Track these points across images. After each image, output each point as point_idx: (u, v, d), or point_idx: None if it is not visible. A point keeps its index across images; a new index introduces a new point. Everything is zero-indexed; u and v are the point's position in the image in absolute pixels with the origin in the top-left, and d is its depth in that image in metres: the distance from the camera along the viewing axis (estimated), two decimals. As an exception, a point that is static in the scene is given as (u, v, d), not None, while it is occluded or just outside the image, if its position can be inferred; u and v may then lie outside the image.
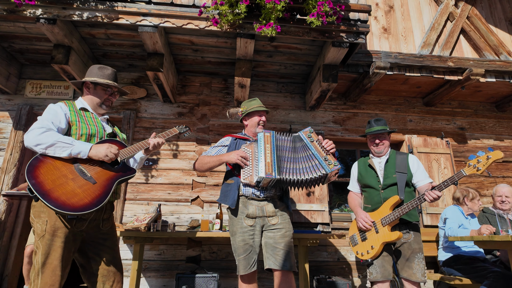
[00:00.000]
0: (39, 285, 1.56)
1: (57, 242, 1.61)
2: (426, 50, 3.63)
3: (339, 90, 4.04)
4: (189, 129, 2.35)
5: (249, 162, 2.15)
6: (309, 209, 3.58)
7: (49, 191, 1.50)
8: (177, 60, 3.64)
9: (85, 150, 1.66)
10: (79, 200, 1.53)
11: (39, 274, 1.58)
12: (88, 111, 1.90)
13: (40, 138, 1.59)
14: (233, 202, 2.16)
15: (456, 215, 2.97)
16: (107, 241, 1.86)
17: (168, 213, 3.48)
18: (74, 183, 1.58)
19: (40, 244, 1.61)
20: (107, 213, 1.87)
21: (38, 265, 1.59)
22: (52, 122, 1.68)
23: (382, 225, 2.25)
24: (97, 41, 3.29)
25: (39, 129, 1.62)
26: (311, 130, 2.21)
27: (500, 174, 4.08)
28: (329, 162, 2.02)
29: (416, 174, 2.39)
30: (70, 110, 1.80)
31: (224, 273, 3.30)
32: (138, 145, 1.91)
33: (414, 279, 2.18)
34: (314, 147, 2.11)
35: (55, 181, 1.54)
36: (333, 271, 3.47)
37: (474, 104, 4.36)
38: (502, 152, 2.13)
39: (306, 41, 3.23)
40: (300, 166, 2.09)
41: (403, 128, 4.10)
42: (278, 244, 2.10)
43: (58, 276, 1.59)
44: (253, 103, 2.45)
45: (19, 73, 3.72)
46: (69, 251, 1.67)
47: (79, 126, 1.77)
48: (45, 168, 1.57)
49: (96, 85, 1.92)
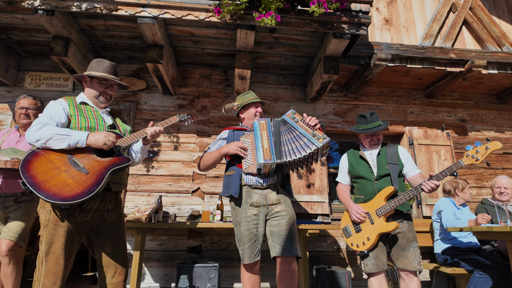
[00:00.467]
0: (43, 273, 1.61)
1: (59, 231, 1.66)
2: (428, 42, 3.60)
3: (340, 82, 4.02)
4: (191, 117, 2.33)
5: (249, 152, 2.18)
6: (309, 200, 3.60)
7: (41, 183, 1.54)
8: (176, 51, 3.62)
9: (82, 138, 1.69)
10: (70, 190, 1.56)
11: (43, 263, 1.63)
12: (88, 105, 1.93)
13: (39, 134, 1.65)
14: (235, 191, 2.19)
15: (449, 207, 3.02)
16: (111, 232, 1.88)
17: (169, 204, 3.51)
18: (67, 174, 1.61)
19: (44, 233, 1.66)
20: (111, 204, 1.88)
21: (42, 253, 1.64)
22: (51, 117, 1.73)
23: (377, 216, 2.25)
24: (96, 32, 3.27)
25: (37, 125, 1.67)
26: (293, 112, 2.22)
27: (500, 165, 4.10)
28: (317, 137, 2.05)
29: (406, 164, 2.41)
30: (69, 105, 1.84)
31: (225, 263, 3.35)
32: (135, 135, 1.91)
33: (411, 268, 2.20)
34: (300, 126, 2.13)
35: (48, 173, 1.58)
36: (333, 261, 3.51)
37: (476, 96, 4.34)
38: (500, 143, 2.13)
39: (307, 33, 3.21)
40: (293, 146, 2.11)
41: (404, 120, 4.09)
42: (282, 231, 2.13)
43: (61, 264, 1.63)
44: (248, 95, 2.48)
45: (18, 65, 3.70)
46: (72, 241, 1.70)
47: (78, 120, 1.80)
48: (38, 161, 1.62)
49: (92, 78, 1.94)
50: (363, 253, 2.30)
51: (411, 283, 2.20)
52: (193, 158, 3.68)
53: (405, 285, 2.22)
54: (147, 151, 2.14)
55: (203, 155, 2.39)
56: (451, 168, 2.15)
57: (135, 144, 2.05)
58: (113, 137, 1.73)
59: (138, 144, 2.04)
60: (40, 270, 1.62)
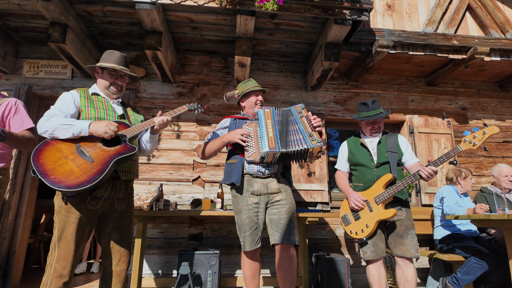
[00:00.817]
0: (55, 257, 1.70)
1: (71, 218, 1.74)
2: (431, 28, 3.54)
3: (341, 69, 3.98)
4: (201, 106, 2.34)
5: (251, 140, 2.18)
6: (309, 188, 3.62)
7: (48, 171, 1.61)
8: (175, 38, 3.57)
9: (85, 127, 1.74)
10: (75, 178, 1.62)
11: (56, 248, 1.72)
12: (99, 96, 1.99)
13: (46, 125, 1.73)
14: (237, 179, 2.20)
15: (452, 194, 3.04)
16: (119, 221, 1.94)
17: (170, 192, 3.53)
18: (73, 163, 1.67)
19: (57, 219, 1.75)
20: (121, 192, 1.94)
21: (55, 238, 1.73)
22: (60, 109, 1.81)
23: (376, 203, 2.27)
24: (94, 18, 3.21)
25: (45, 117, 1.76)
26: (302, 107, 2.23)
27: (500, 154, 4.10)
28: (312, 138, 2.06)
29: (405, 153, 2.42)
30: (80, 96, 1.91)
31: (225, 250, 3.39)
32: (142, 125, 1.94)
33: (409, 255, 2.22)
34: (301, 122, 2.14)
35: (55, 162, 1.65)
36: (332, 249, 3.56)
37: (477, 84, 4.30)
38: (497, 128, 2.12)
39: (308, 18, 3.15)
40: (295, 137, 2.12)
41: (405, 108, 4.07)
42: (282, 219, 2.16)
43: (72, 250, 1.71)
44: (248, 83, 2.46)
45: (15, 52, 3.65)
46: (83, 228, 1.78)
47: (88, 111, 1.88)
48: (49, 151, 1.69)
49: (103, 69, 2.00)
50: (362, 240, 2.32)
51: (408, 270, 2.23)
52: (193, 147, 3.68)
53: (402, 272, 2.24)
54: (157, 140, 2.17)
55: (205, 144, 2.38)
56: (449, 154, 2.15)
57: (144, 134, 2.10)
58: (114, 127, 1.76)
59: (147, 134, 2.08)
60: (53, 254, 1.71)
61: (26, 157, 3.49)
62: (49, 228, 5.02)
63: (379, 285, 2.26)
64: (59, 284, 1.67)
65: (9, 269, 3.22)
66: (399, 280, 2.26)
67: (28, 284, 3.48)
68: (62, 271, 1.68)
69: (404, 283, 2.22)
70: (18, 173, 3.37)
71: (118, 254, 1.92)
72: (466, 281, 2.72)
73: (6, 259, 3.23)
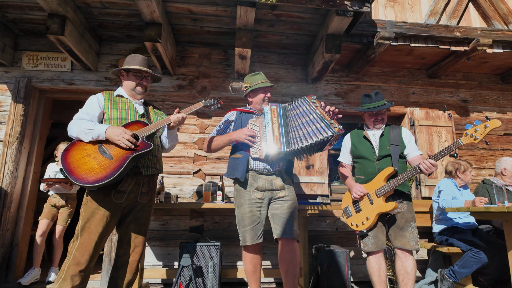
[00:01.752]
0: (77, 245, 1.82)
1: (96, 210, 1.87)
2: (433, 19, 3.51)
3: (342, 61, 3.95)
4: (218, 102, 2.39)
5: (257, 138, 2.17)
6: (309, 181, 3.63)
7: (73, 169, 1.78)
8: (175, 30, 3.53)
9: (102, 133, 1.89)
10: (95, 174, 1.77)
11: (78, 237, 1.84)
12: (123, 97, 2.14)
13: (72, 128, 1.91)
14: (242, 175, 2.20)
15: (450, 188, 3.03)
16: (139, 213, 2.06)
17: (171, 185, 3.54)
18: (95, 161, 1.83)
19: (83, 210, 1.90)
20: (145, 187, 2.05)
21: (79, 228, 1.86)
22: (86, 112, 1.98)
23: (376, 196, 2.27)
24: (93, 10, 3.18)
25: (73, 120, 1.93)
26: (314, 97, 2.19)
27: (501, 146, 4.09)
28: (334, 126, 2.02)
29: (408, 146, 2.40)
30: (105, 99, 2.07)
31: (226, 242, 3.42)
32: (159, 123, 2.07)
33: (408, 248, 2.24)
34: (319, 111, 2.09)
35: (80, 160, 1.82)
36: (332, 240, 3.58)
37: (479, 76, 4.28)
38: (500, 121, 2.09)
39: (309, 10, 3.12)
40: (304, 131, 2.07)
41: (406, 100, 4.05)
42: (284, 214, 2.17)
43: (93, 240, 1.82)
44: (257, 77, 2.39)
45: (14, 45, 3.63)
46: (107, 220, 1.89)
47: (110, 112, 2.03)
48: (74, 150, 1.86)
49: (128, 72, 2.16)
50: (362, 232, 2.33)
51: (407, 262, 2.24)
52: (194, 140, 3.68)
53: (401, 264, 2.26)
54: (175, 136, 2.30)
55: (211, 138, 2.38)
56: (449, 148, 2.13)
57: (164, 131, 2.24)
58: (128, 135, 1.88)
59: (165, 131, 2.22)
60: (75, 243, 1.83)
61: (27, 150, 3.49)
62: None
63: (378, 277, 2.28)
64: (75, 271, 1.76)
65: (12, 261, 3.26)
66: (399, 271, 2.28)
67: (31, 275, 3.50)
68: (80, 258, 1.78)
69: (404, 274, 2.24)
70: (19, 165, 3.38)
71: (133, 244, 2.03)
72: (463, 274, 2.74)
73: (9, 250, 3.26)
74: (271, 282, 3.38)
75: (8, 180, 3.27)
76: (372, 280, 2.31)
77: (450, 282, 2.79)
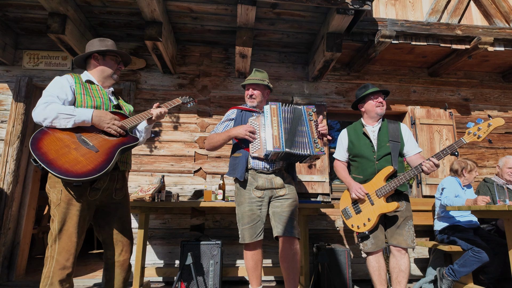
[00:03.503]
0: (57, 249, 1.67)
1: (72, 210, 1.70)
2: (434, 18, 3.49)
3: (343, 60, 3.95)
4: (193, 100, 2.36)
5: (257, 136, 2.16)
6: (310, 180, 3.63)
7: (52, 160, 1.56)
8: (176, 28, 3.53)
9: (88, 118, 1.70)
10: (82, 167, 1.58)
11: (56, 240, 1.68)
12: (93, 84, 1.91)
13: (45, 113, 1.65)
14: (241, 174, 2.21)
15: (453, 186, 3.03)
16: (118, 211, 1.94)
17: (172, 184, 3.54)
18: (77, 152, 1.63)
19: (56, 212, 1.70)
20: (119, 182, 1.93)
21: (55, 231, 1.68)
22: (58, 96, 1.72)
23: (377, 196, 2.24)
24: (93, 9, 3.18)
25: (43, 104, 1.67)
26: (313, 110, 2.22)
27: (502, 145, 4.09)
28: (316, 146, 2.08)
29: (407, 144, 2.37)
30: (76, 83, 1.83)
31: (227, 240, 3.42)
32: (141, 115, 1.93)
33: (405, 245, 2.22)
34: (309, 126, 2.15)
35: (58, 151, 1.60)
36: (332, 239, 3.59)
37: (480, 75, 4.26)
38: (503, 119, 2.06)
39: (310, 8, 3.11)
40: (299, 140, 2.14)
41: (407, 99, 4.04)
42: (284, 212, 2.17)
43: (74, 242, 1.69)
44: (251, 75, 2.45)
45: (15, 43, 3.63)
46: (84, 219, 1.75)
47: (84, 99, 1.79)
48: (48, 139, 1.63)
49: (105, 55, 1.93)
50: (364, 234, 2.30)
51: (402, 260, 2.23)
52: (195, 138, 3.68)
53: (396, 262, 2.25)
54: (150, 131, 2.17)
55: (211, 135, 2.39)
56: (452, 146, 2.11)
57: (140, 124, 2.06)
58: (118, 123, 1.75)
59: (142, 124, 2.05)
60: (53, 247, 1.68)
61: (28, 149, 3.50)
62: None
63: (379, 276, 2.28)
64: (63, 276, 1.66)
65: (14, 259, 3.27)
66: (393, 269, 2.26)
67: (32, 273, 3.53)
68: (65, 263, 1.66)
69: (398, 272, 2.23)
70: (20, 164, 3.39)
71: (120, 244, 1.93)
72: (462, 273, 2.73)
73: (10, 249, 3.28)
74: (271, 280, 3.39)
75: (9, 179, 3.28)
76: (373, 279, 2.31)
77: (450, 280, 2.78)
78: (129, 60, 2.10)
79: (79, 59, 1.99)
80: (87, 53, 1.93)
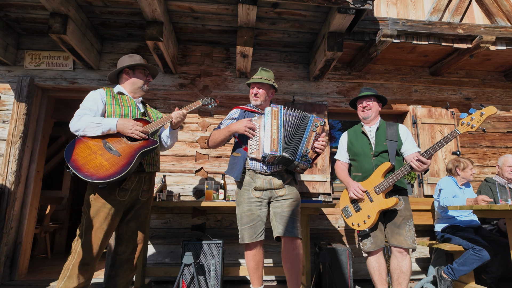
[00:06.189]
0: (82, 243, 1.83)
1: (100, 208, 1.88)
2: (436, 17, 3.48)
3: (344, 59, 3.94)
4: (214, 101, 2.47)
5: (256, 136, 2.16)
6: (311, 179, 3.63)
7: (81, 166, 1.77)
8: (177, 28, 3.53)
9: (113, 126, 1.91)
10: (105, 170, 1.77)
11: (82, 235, 1.85)
12: (124, 95, 2.15)
13: (78, 124, 1.88)
14: (238, 175, 2.20)
15: (450, 186, 3.02)
16: (140, 210, 2.08)
17: (173, 183, 3.55)
18: (102, 157, 1.83)
19: (87, 209, 1.91)
20: (146, 184, 2.09)
21: (83, 226, 1.87)
22: (90, 108, 1.96)
23: (376, 193, 2.24)
24: (94, 9, 3.18)
25: (77, 116, 1.91)
26: (321, 122, 2.22)
27: (504, 144, 4.07)
28: (303, 157, 2.10)
29: (405, 143, 2.37)
30: (107, 95, 2.07)
31: (228, 240, 3.43)
32: (162, 120, 2.10)
33: (405, 246, 2.20)
34: (308, 135, 2.16)
35: (86, 158, 1.82)
36: (334, 239, 3.58)
37: (482, 74, 4.25)
38: (495, 108, 2.05)
39: (311, 7, 3.11)
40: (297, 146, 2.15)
41: (408, 98, 4.04)
42: (285, 212, 2.16)
43: (99, 238, 1.85)
44: (255, 74, 2.45)
45: (17, 44, 3.64)
46: (112, 218, 1.91)
47: (113, 109, 2.03)
48: (79, 148, 1.86)
49: (135, 69, 2.18)
50: (364, 232, 2.30)
51: (403, 261, 2.21)
52: (196, 138, 3.69)
53: (397, 263, 2.23)
54: (176, 136, 2.34)
55: (213, 132, 2.40)
56: (447, 138, 2.10)
57: (164, 131, 2.27)
58: (141, 128, 1.93)
59: (167, 130, 2.25)
60: (79, 241, 1.84)
61: (30, 149, 3.51)
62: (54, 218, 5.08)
63: (379, 275, 2.28)
64: (81, 269, 1.78)
65: (16, 259, 3.29)
66: (393, 270, 2.24)
67: (35, 273, 3.55)
68: (86, 256, 1.79)
69: (399, 273, 2.21)
70: (22, 164, 3.40)
71: (133, 242, 2.04)
72: (462, 272, 2.71)
73: (13, 248, 3.29)
74: (272, 280, 3.39)
75: (11, 178, 3.29)
76: (373, 279, 2.31)
77: (449, 280, 2.77)
78: (156, 73, 2.32)
79: (112, 75, 2.23)
80: (119, 69, 2.17)
